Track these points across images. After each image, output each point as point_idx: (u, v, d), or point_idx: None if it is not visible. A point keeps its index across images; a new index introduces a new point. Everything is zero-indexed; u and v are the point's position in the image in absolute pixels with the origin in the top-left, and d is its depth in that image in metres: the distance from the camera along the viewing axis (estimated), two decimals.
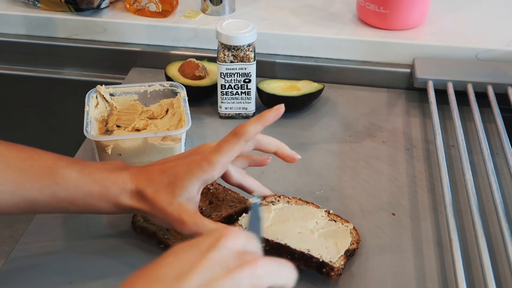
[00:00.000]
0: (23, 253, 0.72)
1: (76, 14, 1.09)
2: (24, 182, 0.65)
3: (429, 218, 0.78)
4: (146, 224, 0.74)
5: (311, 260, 0.67)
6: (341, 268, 0.67)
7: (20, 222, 1.15)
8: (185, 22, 1.08)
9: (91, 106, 0.85)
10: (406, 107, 1.01)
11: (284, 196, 0.76)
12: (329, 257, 0.67)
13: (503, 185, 0.84)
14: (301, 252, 0.67)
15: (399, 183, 0.84)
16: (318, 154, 0.89)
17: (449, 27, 1.08)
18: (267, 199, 0.75)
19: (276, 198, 0.76)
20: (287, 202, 0.75)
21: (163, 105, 0.90)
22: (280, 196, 0.77)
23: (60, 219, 0.77)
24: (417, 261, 0.72)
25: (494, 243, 0.74)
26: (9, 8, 1.11)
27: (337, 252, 0.68)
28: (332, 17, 1.11)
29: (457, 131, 0.88)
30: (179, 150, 0.83)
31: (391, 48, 1.04)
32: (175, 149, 0.82)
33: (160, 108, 0.90)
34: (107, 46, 1.09)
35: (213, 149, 0.66)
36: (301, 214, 0.73)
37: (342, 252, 0.68)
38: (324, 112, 0.99)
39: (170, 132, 0.81)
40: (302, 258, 0.67)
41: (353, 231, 0.73)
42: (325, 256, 0.67)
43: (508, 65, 1.01)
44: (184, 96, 0.87)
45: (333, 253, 0.68)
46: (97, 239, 0.74)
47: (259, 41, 0.96)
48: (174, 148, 0.82)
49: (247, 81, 0.92)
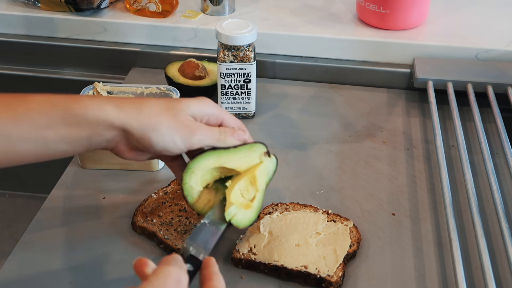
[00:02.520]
0: (23, 253, 0.72)
1: (76, 14, 1.09)
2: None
3: (429, 218, 0.78)
4: (146, 224, 0.74)
5: (309, 277, 0.67)
6: (340, 281, 0.67)
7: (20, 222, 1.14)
8: (185, 22, 1.08)
9: None
10: (406, 107, 1.01)
11: (281, 203, 0.76)
12: (327, 270, 0.67)
13: (503, 185, 0.84)
14: (298, 271, 0.67)
15: (399, 183, 0.84)
16: (318, 154, 0.89)
17: (449, 27, 1.08)
18: (264, 211, 0.76)
19: (273, 208, 0.76)
20: (285, 209, 0.76)
21: None
22: (278, 204, 0.77)
23: (60, 219, 0.77)
24: (417, 261, 0.72)
25: (494, 243, 0.74)
26: (9, 8, 1.11)
27: (335, 261, 0.68)
28: (332, 17, 1.11)
29: (457, 131, 0.88)
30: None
31: (391, 48, 1.04)
32: None
33: None
34: (107, 46, 1.09)
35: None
36: (299, 222, 0.74)
37: (341, 260, 0.68)
38: (324, 112, 0.99)
39: None
40: (300, 276, 0.67)
41: (353, 230, 0.73)
42: (323, 269, 0.67)
43: (508, 65, 1.01)
44: None
45: (331, 264, 0.68)
46: (97, 239, 0.74)
47: (259, 41, 0.96)
48: None
49: (247, 81, 0.92)
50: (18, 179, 1.20)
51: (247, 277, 0.69)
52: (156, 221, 0.74)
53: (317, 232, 0.72)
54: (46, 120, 0.60)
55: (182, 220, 0.75)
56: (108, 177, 0.84)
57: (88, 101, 0.62)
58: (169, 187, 0.80)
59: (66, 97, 0.62)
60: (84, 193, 0.81)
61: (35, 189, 1.19)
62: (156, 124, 0.63)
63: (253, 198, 0.69)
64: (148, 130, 0.63)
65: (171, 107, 0.65)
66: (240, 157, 0.69)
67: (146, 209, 0.76)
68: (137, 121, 0.62)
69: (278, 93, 1.04)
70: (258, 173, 0.69)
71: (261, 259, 0.69)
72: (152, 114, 0.63)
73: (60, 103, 0.61)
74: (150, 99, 0.66)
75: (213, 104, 0.68)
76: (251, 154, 0.70)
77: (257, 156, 0.70)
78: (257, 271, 0.69)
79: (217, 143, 0.67)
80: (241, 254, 0.69)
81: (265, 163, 0.70)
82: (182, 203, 0.77)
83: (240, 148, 0.69)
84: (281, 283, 0.68)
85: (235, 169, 0.69)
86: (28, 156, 0.62)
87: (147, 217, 0.75)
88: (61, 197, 0.81)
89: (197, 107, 0.66)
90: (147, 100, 0.65)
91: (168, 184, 0.80)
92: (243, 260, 0.69)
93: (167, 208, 0.76)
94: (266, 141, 0.86)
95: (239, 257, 0.69)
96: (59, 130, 0.60)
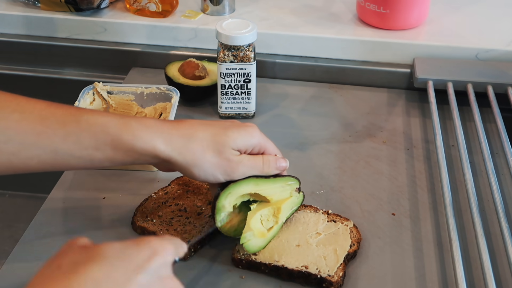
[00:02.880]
0: (23, 253, 0.72)
1: (76, 14, 1.09)
2: (45, 130, 0.60)
3: (429, 218, 0.78)
4: (146, 224, 0.74)
5: (310, 277, 0.67)
6: (340, 281, 0.67)
7: (20, 222, 1.14)
8: (185, 22, 1.08)
9: (85, 102, 0.86)
10: (406, 107, 1.01)
11: None
12: (328, 270, 0.67)
13: (503, 185, 0.84)
14: (299, 271, 0.67)
15: (399, 183, 0.84)
16: (318, 154, 0.89)
17: (449, 27, 1.08)
18: None
19: None
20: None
21: (158, 108, 0.90)
22: None
23: (60, 219, 0.77)
24: (417, 261, 0.72)
25: (494, 243, 0.74)
26: (9, 8, 1.11)
27: (336, 261, 0.68)
28: (332, 17, 1.11)
29: (457, 131, 0.88)
30: None
31: (391, 48, 1.04)
32: None
33: (154, 111, 0.90)
34: (107, 46, 1.09)
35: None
36: (299, 222, 0.74)
37: (341, 260, 0.68)
38: (324, 112, 0.99)
39: None
40: (301, 276, 0.67)
41: (353, 230, 0.73)
42: (323, 269, 0.67)
43: (508, 65, 1.01)
44: (175, 102, 0.87)
45: (332, 264, 0.68)
46: (97, 239, 0.74)
47: (259, 41, 0.96)
48: None
49: (247, 81, 0.92)
50: (18, 179, 1.20)
51: (247, 277, 0.69)
52: (156, 221, 0.74)
53: (318, 232, 0.72)
54: (94, 143, 0.62)
55: (182, 220, 0.75)
56: (108, 177, 0.84)
57: (138, 131, 0.63)
58: (169, 187, 0.80)
59: (117, 121, 0.63)
60: (84, 193, 0.81)
61: (35, 189, 1.19)
62: (199, 162, 0.65)
63: (270, 228, 0.71)
64: (191, 166, 0.65)
65: (217, 142, 0.66)
66: (275, 187, 0.71)
67: (146, 209, 0.76)
68: (182, 156, 0.65)
69: (278, 93, 1.04)
70: (283, 206, 0.71)
71: (261, 259, 0.69)
72: (198, 152, 0.65)
73: (111, 129, 0.63)
74: (198, 129, 0.66)
75: (257, 133, 0.69)
76: (285, 187, 0.72)
77: (289, 190, 0.72)
78: (258, 271, 0.69)
79: (260, 173, 0.69)
80: (241, 255, 0.69)
81: (293, 198, 0.73)
82: (182, 203, 0.77)
83: (278, 180, 0.71)
84: (281, 283, 0.68)
85: (266, 197, 0.70)
86: (69, 167, 0.66)
87: (147, 217, 0.75)
88: (61, 197, 0.80)
89: (243, 140, 0.68)
90: (195, 131, 0.66)
91: (168, 184, 0.80)
92: (244, 260, 0.69)
93: (167, 208, 0.76)
94: None
95: (239, 257, 0.69)
96: (106, 152, 0.63)
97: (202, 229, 0.73)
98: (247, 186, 0.69)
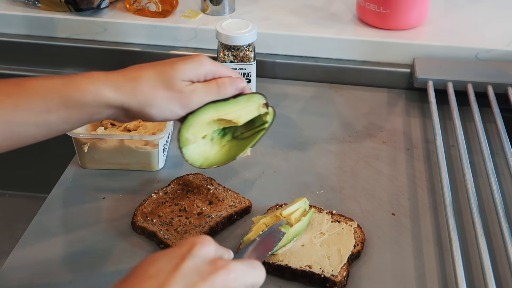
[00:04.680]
0: (23, 253, 0.72)
1: (76, 14, 1.09)
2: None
3: (429, 218, 0.78)
4: (146, 224, 0.74)
5: (313, 277, 0.67)
6: (344, 281, 0.67)
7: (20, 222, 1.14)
8: (185, 22, 1.08)
9: None
10: (406, 107, 1.01)
11: (285, 204, 0.76)
12: (331, 270, 0.67)
13: (503, 185, 0.84)
14: (302, 271, 0.67)
15: (399, 183, 0.84)
16: (318, 154, 0.89)
17: (449, 27, 1.08)
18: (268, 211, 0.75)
19: (277, 208, 0.76)
20: None
21: None
22: (282, 205, 0.77)
23: (60, 219, 0.77)
24: (417, 261, 0.72)
25: (494, 243, 0.74)
26: (9, 8, 1.11)
27: (340, 261, 0.68)
28: (332, 17, 1.11)
29: (457, 131, 0.88)
30: (156, 156, 0.83)
31: (391, 48, 1.04)
32: (152, 154, 0.83)
33: None
34: (107, 46, 1.09)
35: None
36: None
37: (345, 260, 0.68)
38: (324, 112, 0.99)
39: (144, 136, 0.81)
40: (305, 275, 0.67)
41: (357, 230, 0.73)
42: (327, 269, 0.67)
43: (508, 65, 1.01)
44: None
45: (335, 264, 0.68)
46: (97, 239, 0.74)
47: (259, 41, 0.96)
48: (151, 153, 0.82)
49: (247, 81, 0.92)
50: (18, 179, 1.20)
51: None
52: (156, 221, 0.74)
53: (322, 232, 0.72)
54: (45, 106, 0.61)
55: (182, 220, 0.75)
56: (108, 177, 0.84)
57: (85, 85, 0.63)
58: (169, 187, 0.80)
59: (63, 80, 0.63)
60: (84, 193, 0.81)
61: (35, 189, 1.19)
62: (152, 100, 0.64)
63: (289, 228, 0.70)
64: (146, 106, 0.64)
65: (165, 77, 0.65)
66: (239, 108, 0.69)
67: (146, 209, 0.76)
68: (134, 99, 0.64)
69: (278, 93, 1.04)
70: (299, 227, 0.71)
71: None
72: (147, 91, 0.64)
73: (58, 89, 0.62)
74: (144, 70, 0.66)
75: (207, 61, 0.68)
76: (249, 106, 0.69)
77: (256, 108, 0.70)
78: None
79: (217, 97, 0.67)
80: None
81: (304, 219, 0.72)
82: (182, 203, 0.77)
83: (239, 99, 0.68)
84: (281, 283, 0.68)
85: (232, 120, 0.69)
86: (32, 138, 0.64)
87: (147, 217, 0.75)
88: (61, 197, 0.81)
89: (191, 69, 0.66)
90: (141, 73, 0.65)
91: (168, 184, 0.80)
92: None
93: (167, 208, 0.76)
94: (266, 141, 0.87)
95: None
96: (60, 113, 0.62)
97: (202, 229, 0.73)
98: (207, 114, 0.67)
